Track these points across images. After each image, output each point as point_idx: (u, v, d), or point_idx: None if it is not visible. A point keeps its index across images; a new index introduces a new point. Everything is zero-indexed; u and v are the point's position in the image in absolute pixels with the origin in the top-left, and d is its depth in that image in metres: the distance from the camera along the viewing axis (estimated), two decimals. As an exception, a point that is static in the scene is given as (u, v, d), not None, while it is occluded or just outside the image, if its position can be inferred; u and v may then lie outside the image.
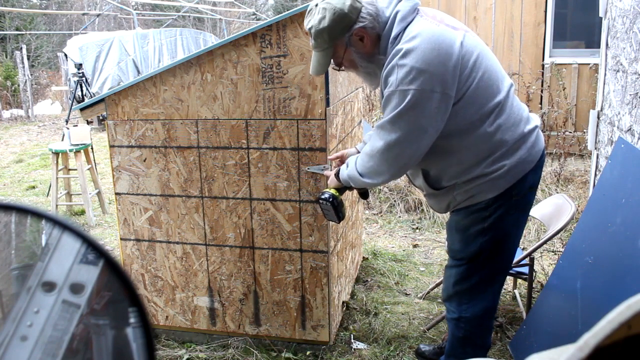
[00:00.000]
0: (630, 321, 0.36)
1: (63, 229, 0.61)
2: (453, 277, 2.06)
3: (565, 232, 3.66)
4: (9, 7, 15.06)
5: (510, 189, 1.86)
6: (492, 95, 1.80)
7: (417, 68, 1.67)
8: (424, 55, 1.67)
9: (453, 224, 2.02)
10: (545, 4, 5.86)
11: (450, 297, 2.11)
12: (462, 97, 1.75)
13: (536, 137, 1.91)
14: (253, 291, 2.58)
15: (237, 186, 2.47)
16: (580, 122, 5.74)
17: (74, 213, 5.19)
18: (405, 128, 1.74)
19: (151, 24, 18.59)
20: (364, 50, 1.82)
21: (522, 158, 1.85)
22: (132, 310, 0.57)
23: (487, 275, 2.02)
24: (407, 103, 1.69)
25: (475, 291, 2.04)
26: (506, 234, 1.97)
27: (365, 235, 4.15)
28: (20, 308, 0.61)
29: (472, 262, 2.00)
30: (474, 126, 1.80)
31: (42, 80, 14.78)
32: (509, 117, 1.83)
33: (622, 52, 2.91)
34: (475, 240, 1.95)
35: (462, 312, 2.08)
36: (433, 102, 1.70)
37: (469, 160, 1.84)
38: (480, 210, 1.90)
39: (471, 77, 1.75)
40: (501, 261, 2.04)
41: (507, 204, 1.89)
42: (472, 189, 1.87)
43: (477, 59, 1.76)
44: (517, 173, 1.85)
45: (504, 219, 1.91)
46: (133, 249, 2.68)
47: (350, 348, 2.65)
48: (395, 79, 1.71)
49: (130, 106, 2.51)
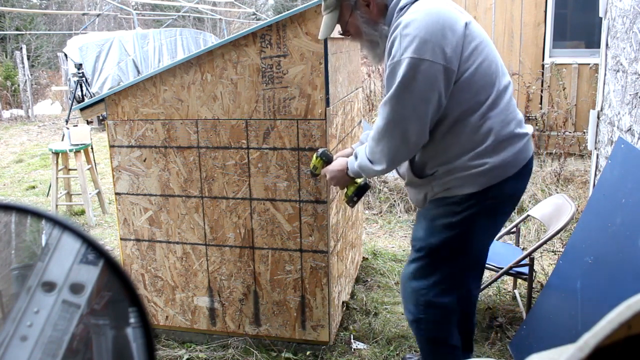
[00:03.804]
0: (630, 321, 0.36)
1: (63, 229, 0.61)
2: (411, 273, 1.98)
3: (565, 232, 3.66)
4: (9, 7, 15.06)
5: (487, 190, 1.81)
6: (488, 85, 1.77)
7: (421, 37, 1.66)
8: (427, 26, 1.67)
9: (422, 212, 1.97)
10: (545, 4, 5.86)
11: (407, 295, 2.01)
12: (459, 79, 1.72)
13: (525, 144, 1.85)
14: (253, 291, 2.58)
15: (237, 186, 2.47)
16: (580, 122, 5.74)
17: (74, 213, 5.19)
18: (410, 100, 1.70)
19: (151, 24, 18.59)
20: (369, 16, 1.84)
21: (506, 161, 1.79)
22: (132, 310, 0.57)
23: (447, 276, 1.94)
24: (410, 71, 1.67)
25: (433, 291, 1.94)
26: (473, 236, 1.90)
27: (365, 235, 4.15)
28: (20, 308, 0.61)
29: (431, 257, 1.93)
30: (464, 114, 1.76)
31: (42, 80, 14.78)
32: (501, 113, 1.78)
33: (622, 52, 2.91)
34: (440, 233, 1.89)
35: (419, 312, 1.98)
36: (437, 73, 1.67)
37: (453, 149, 1.80)
38: (453, 204, 1.85)
39: (470, 60, 1.72)
40: (463, 263, 1.95)
41: (481, 205, 1.84)
42: (450, 181, 1.82)
43: (479, 45, 1.75)
44: (498, 174, 1.80)
45: (474, 219, 1.85)
46: (133, 249, 2.68)
47: (350, 348, 2.65)
48: (399, 47, 1.69)
49: (130, 106, 2.51)
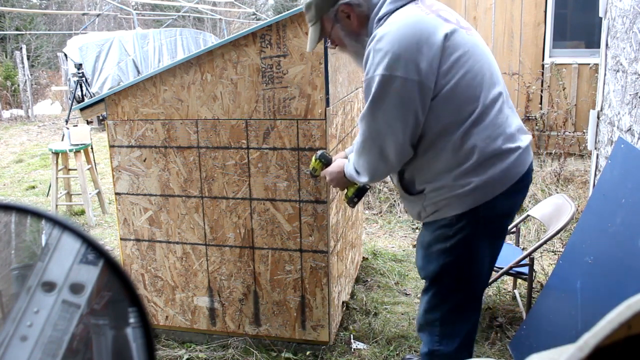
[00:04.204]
0: (630, 321, 0.36)
1: (63, 229, 0.61)
2: (424, 305, 1.94)
3: (565, 232, 3.66)
4: (9, 7, 15.06)
5: (477, 210, 1.71)
6: (472, 100, 1.66)
7: (393, 52, 1.58)
8: (400, 40, 1.58)
9: (420, 239, 1.91)
10: (545, 4, 5.86)
11: (421, 327, 1.97)
12: (437, 95, 1.63)
13: (516, 159, 1.71)
14: (253, 291, 2.58)
15: (237, 186, 2.47)
16: (580, 122, 5.74)
17: (74, 213, 5.19)
18: (383, 118, 1.65)
19: (151, 24, 18.59)
20: (350, 28, 1.77)
21: (494, 178, 1.68)
22: (132, 310, 0.57)
23: (456, 305, 1.89)
24: (381, 89, 1.61)
25: (445, 323, 1.90)
26: (471, 259, 1.80)
27: (365, 235, 4.15)
28: (20, 308, 0.61)
29: (437, 286, 1.87)
30: (445, 130, 1.67)
31: (42, 80, 14.78)
32: (486, 129, 1.66)
33: (622, 52, 2.91)
34: (437, 260, 1.81)
35: (434, 344, 1.92)
36: (411, 91, 1.59)
37: (436, 166, 1.71)
38: (444, 227, 1.77)
39: (450, 74, 1.62)
40: (468, 289, 1.88)
41: (473, 226, 1.74)
42: (439, 201, 1.74)
43: (461, 57, 1.63)
44: (486, 193, 1.69)
45: (469, 242, 1.76)
46: (133, 249, 2.68)
47: (350, 348, 2.65)
48: (372, 63, 1.63)
49: (130, 106, 2.51)
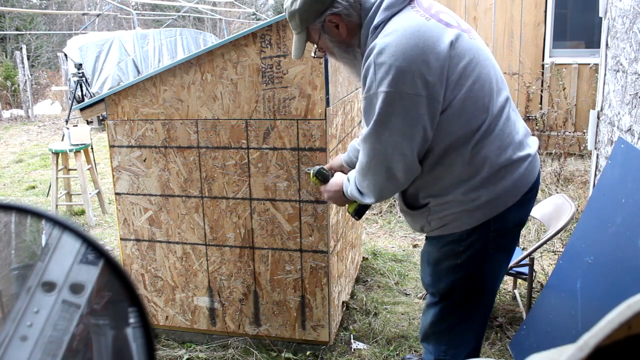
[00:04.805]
0: (630, 321, 0.36)
1: (63, 229, 0.61)
2: (430, 317, 1.86)
3: (565, 232, 3.66)
4: (9, 7, 15.06)
5: (487, 223, 1.63)
6: (482, 110, 1.56)
7: (397, 67, 1.45)
8: (405, 52, 1.45)
9: (425, 255, 1.83)
10: (545, 4, 5.86)
11: (427, 336, 1.90)
12: (447, 108, 1.52)
13: (527, 168, 1.63)
14: (253, 291, 2.58)
15: (237, 186, 2.47)
16: (580, 122, 5.74)
17: (74, 213, 5.19)
18: (389, 137, 1.52)
19: (151, 24, 18.59)
20: (339, 38, 1.64)
21: (505, 190, 1.60)
22: (132, 310, 0.57)
23: (466, 317, 1.82)
24: (387, 107, 1.48)
25: (454, 333, 1.83)
26: (483, 275, 1.74)
27: (365, 235, 4.15)
28: (20, 308, 0.61)
29: (447, 301, 1.80)
30: (455, 143, 1.56)
31: (42, 80, 14.78)
32: (497, 139, 1.58)
33: (622, 52, 2.91)
34: (447, 277, 1.74)
35: (440, 354, 1.86)
36: (418, 107, 1.48)
37: (444, 181, 1.62)
38: (453, 243, 1.68)
39: (459, 85, 1.51)
40: (480, 302, 1.81)
41: (484, 240, 1.65)
42: (446, 216, 1.65)
43: (468, 65, 1.53)
44: (497, 206, 1.61)
45: (480, 257, 1.68)
46: (133, 249, 2.68)
47: (350, 348, 2.65)
48: (374, 79, 1.49)
49: (130, 106, 2.51)
